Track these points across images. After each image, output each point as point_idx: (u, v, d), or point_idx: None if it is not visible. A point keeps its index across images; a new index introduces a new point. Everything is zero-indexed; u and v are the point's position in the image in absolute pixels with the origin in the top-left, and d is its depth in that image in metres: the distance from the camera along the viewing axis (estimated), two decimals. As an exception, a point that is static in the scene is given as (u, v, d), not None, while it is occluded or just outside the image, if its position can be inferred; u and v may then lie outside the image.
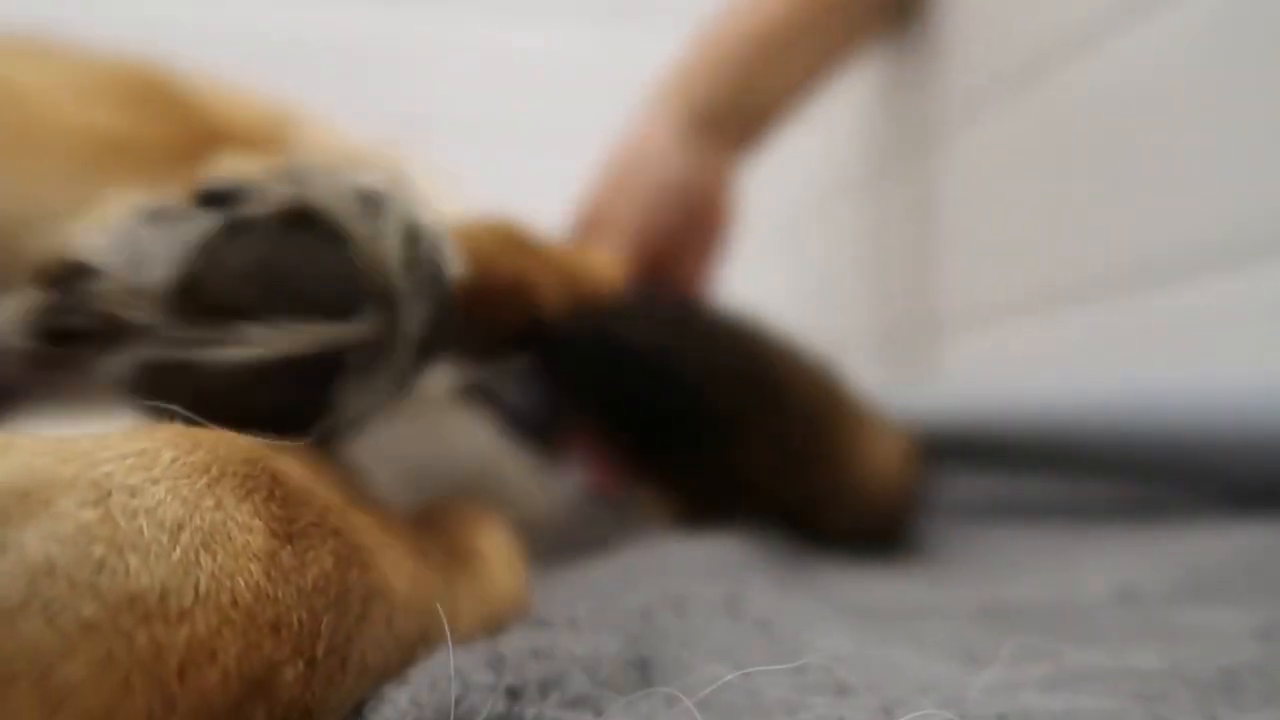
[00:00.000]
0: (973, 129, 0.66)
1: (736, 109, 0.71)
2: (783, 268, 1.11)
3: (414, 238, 0.25)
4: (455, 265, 0.27)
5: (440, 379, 0.46)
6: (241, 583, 0.16)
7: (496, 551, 0.27)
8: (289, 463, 0.20)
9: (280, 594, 0.17)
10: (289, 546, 0.18)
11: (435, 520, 0.27)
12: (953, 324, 0.69)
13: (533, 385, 0.51)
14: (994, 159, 0.64)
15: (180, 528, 0.16)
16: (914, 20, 0.74)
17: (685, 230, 0.67)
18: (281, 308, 0.23)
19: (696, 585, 0.36)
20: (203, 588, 0.15)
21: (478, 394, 0.48)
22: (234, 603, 0.16)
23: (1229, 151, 0.44)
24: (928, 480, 0.59)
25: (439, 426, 0.46)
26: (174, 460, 0.17)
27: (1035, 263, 0.58)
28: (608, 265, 0.52)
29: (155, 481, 0.17)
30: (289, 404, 0.24)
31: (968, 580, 0.40)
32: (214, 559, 0.16)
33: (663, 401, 0.42)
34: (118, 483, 0.16)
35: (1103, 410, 0.45)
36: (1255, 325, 0.43)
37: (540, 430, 0.51)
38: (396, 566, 0.21)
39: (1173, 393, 0.42)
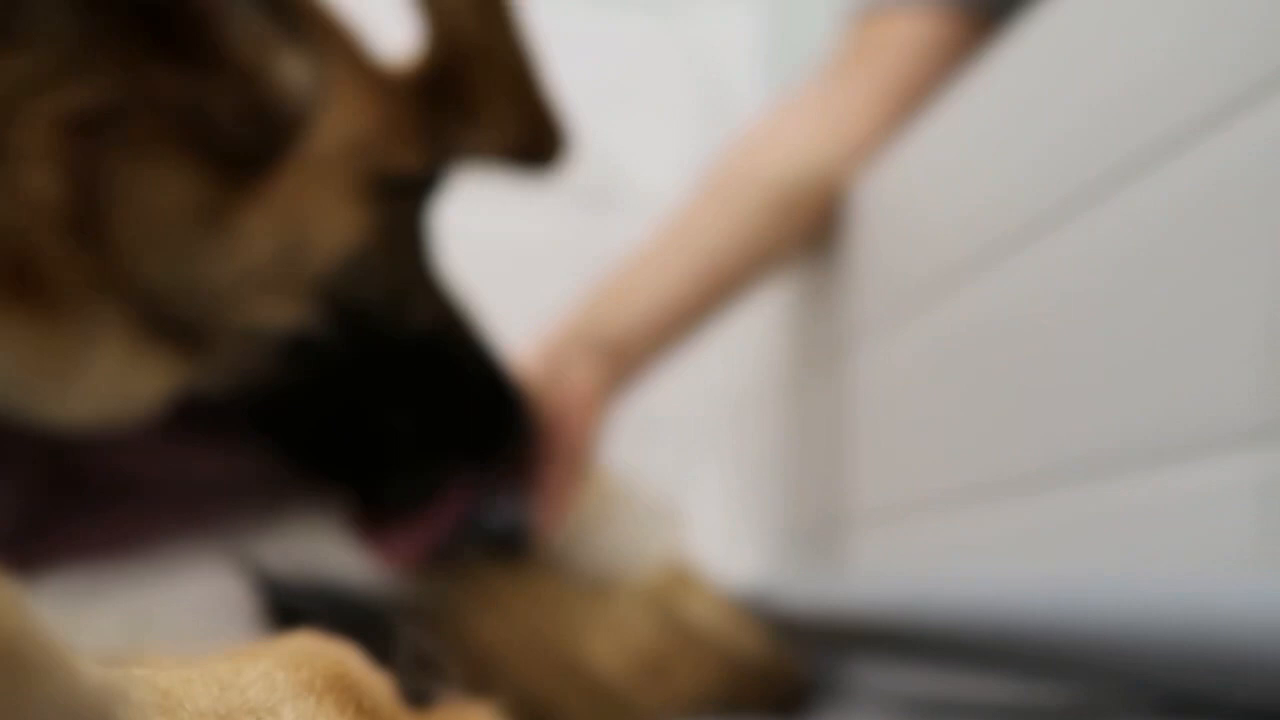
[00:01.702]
0: (885, 339, 0.71)
1: (595, 330, 0.72)
2: (705, 467, 1.15)
3: None
4: None
5: None
6: (359, 790, 0.19)
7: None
8: (361, 671, 0.23)
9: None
10: (382, 756, 0.21)
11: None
12: (864, 522, 0.73)
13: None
14: (905, 367, 0.69)
15: (311, 742, 0.19)
16: (829, 238, 0.79)
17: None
18: None
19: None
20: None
21: None
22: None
23: (1135, 358, 0.47)
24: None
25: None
26: (286, 680, 0.20)
27: (944, 465, 0.62)
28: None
29: (282, 702, 0.19)
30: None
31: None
32: (339, 768, 0.19)
33: None
34: (262, 704, 0.19)
35: (1027, 609, 0.48)
36: (1159, 527, 0.46)
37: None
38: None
39: (1095, 594, 0.44)
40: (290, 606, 0.43)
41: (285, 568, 0.49)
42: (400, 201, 0.51)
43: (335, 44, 0.48)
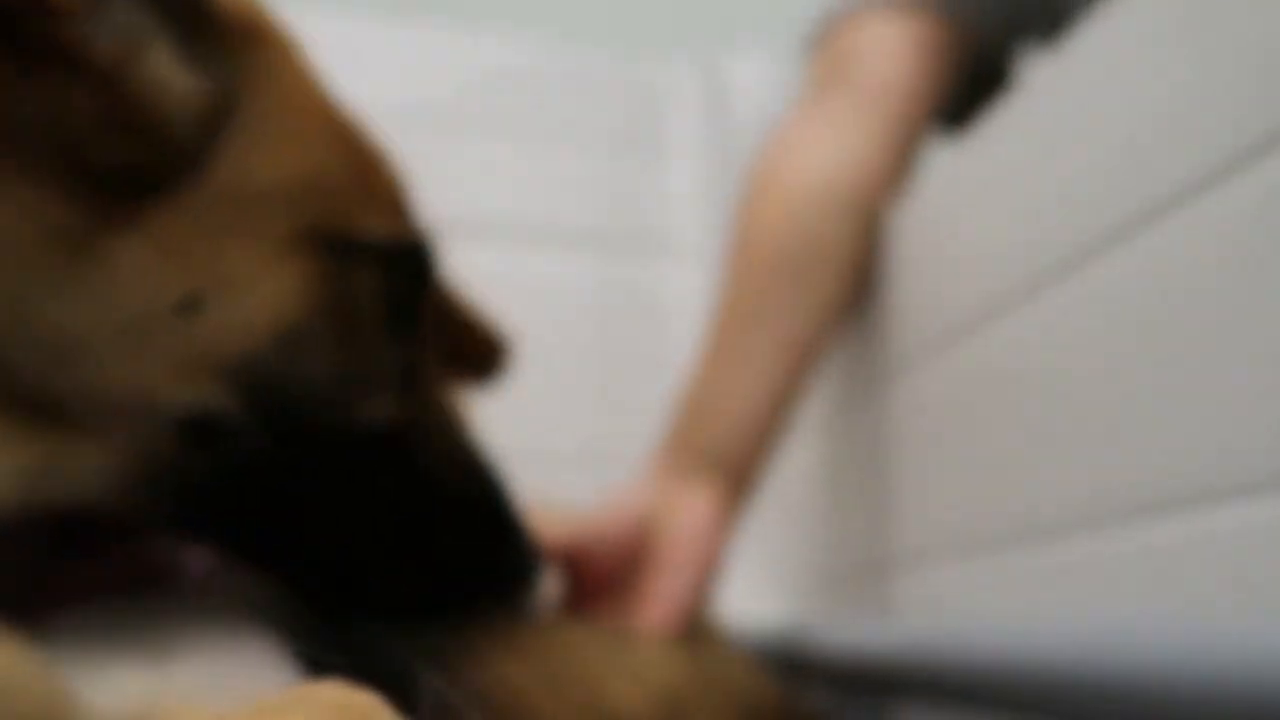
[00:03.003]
0: (921, 374, 0.70)
1: (700, 448, 0.69)
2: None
3: None
4: None
5: None
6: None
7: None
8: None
9: None
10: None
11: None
12: (904, 564, 0.72)
13: None
14: (944, 403, 0.67)
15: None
16: (866, 278, 0.77)
17: (633, 555, 0.64)
18: None
19: None
20: None
21: None
22: None
23: (1172, 397, 0.46)
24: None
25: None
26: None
27: (986, 505, 0.61)
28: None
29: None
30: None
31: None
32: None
33: None
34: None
35: (1063, 653, 0.46)
36: (1211, 570, 0.44)
37: None
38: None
39: (1132, 637, 0.43)
40: (313, 654, 0.43)
41: (305, 614, 0.49)
42: (359, 270, 0.42)
43: (278, 71, 0.41)
